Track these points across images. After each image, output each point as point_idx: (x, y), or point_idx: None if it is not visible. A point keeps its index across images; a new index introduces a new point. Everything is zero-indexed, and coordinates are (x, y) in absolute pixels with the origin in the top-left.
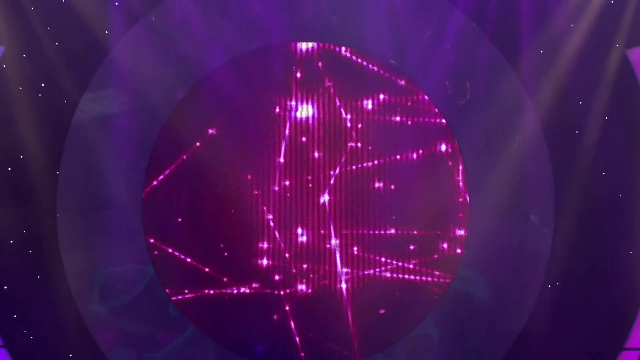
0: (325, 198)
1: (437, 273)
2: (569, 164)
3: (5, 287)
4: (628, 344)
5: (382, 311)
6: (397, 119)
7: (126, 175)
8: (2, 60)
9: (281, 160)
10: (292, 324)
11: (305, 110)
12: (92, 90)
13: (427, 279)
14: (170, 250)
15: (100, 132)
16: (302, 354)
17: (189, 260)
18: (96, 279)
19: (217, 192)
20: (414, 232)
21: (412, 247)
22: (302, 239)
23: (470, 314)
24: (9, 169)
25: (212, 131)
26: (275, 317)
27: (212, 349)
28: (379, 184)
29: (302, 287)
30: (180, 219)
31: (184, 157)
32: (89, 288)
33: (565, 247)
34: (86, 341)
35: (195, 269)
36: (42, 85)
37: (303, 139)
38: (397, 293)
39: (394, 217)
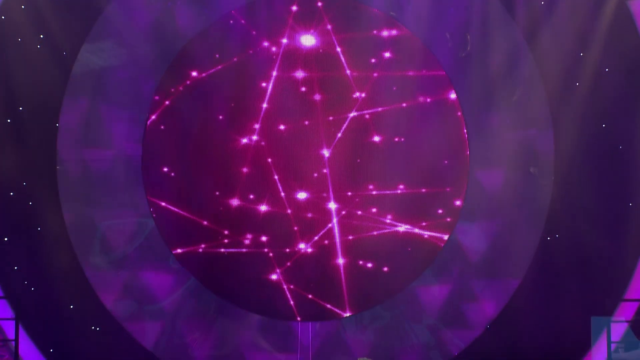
0: (326, 153)
1: (437, 227)
2: (569, 116)
3: (6, 239)
4: (627, 295)
5: (385, 269)
6: (398, 71)
7: (125, 128)
8: (1, 11)
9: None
10: (289, 283)
11: (303, 51)
12: (90, 42)
13: (427, 232)
14: (169, 203)
15: (98, 84)
16: (298, 318)
17: (187, 214)
18: (96, 231)
19: (217, 142)
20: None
21: (412, 202)
22: (302, 195)
23: (468, 266)
24: (8, 120)
25: (206, 78)
26: (273, 274)
27: (212, 301)
28: (377, 138)
29: (302, 245)
30: (178, 172)
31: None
32: (89, 240)
33: (564, 200)
34: (87, 293)
35: (194, 222)
36: (41, 37)
37: (303, 89)
38: (399, 249)
39: (395, 171)
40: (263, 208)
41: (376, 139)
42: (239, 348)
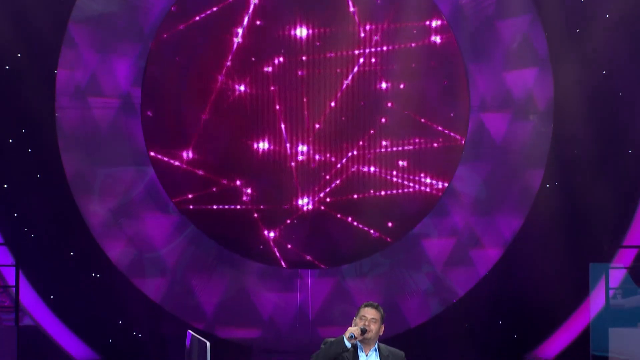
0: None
1: (438, 173)
2: (569, 63)
3: (5, 186)
4: (625, 242)
5: (390, 224)
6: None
7: (123, 75)
8: None
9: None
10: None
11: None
12: None
13: (428, 179)
14: (168, 152)
15: (97, 31)
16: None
17: (187, 162)
18: (95, 179)
19: (218, 87)
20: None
21: (415, 152)
22: (302, 148)
23: (467, 213)
24: (7, 67)
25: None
26: (272, 231)
27: (212, 248)
28: (384, 84)
29: (302, 202)
30: (178, 120)
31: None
32: (89, 188)
33: (564, 147)
34: (87, 240)
35: (194, 171)
36: None
37: (318, 43)
38: (399, 202)
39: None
40: (264, 157)
41: (383, 85)
42: (239, 294)
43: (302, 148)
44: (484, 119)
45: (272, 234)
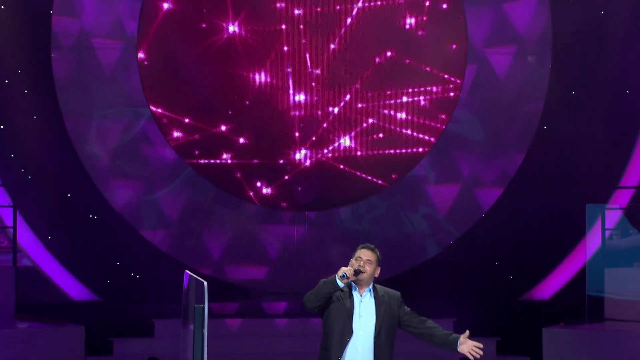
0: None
1: (434, 116)
2: (568, 4)
3: (2, 127)
4: (622, 183)
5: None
6: None
7: (121, 13)
8: None
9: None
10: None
11: None
12: None
13: (426, 121)
14: (166, 93)
15: None
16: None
17: (185, 104)
18: (92, 120)
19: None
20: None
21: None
22: (301, 97)
23: (464, 154)
24: (2, 7)
25: None
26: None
27: (210, 191)
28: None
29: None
30: (177, 60)
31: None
32: (85, 128)
33: (562, 89)
34: (84, 181)
35: (192, 112)
36: None
37: None
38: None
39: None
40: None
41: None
42: (236, 236)
43: (300, 97)
44: (481, 60)
45: (266, 190)
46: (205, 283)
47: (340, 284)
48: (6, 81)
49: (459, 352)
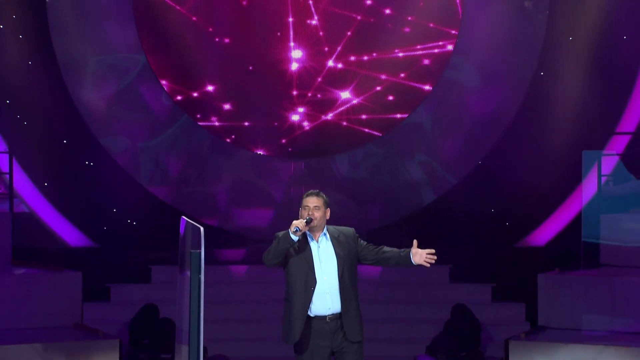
0: None
1: (429, 66)
2: None
3: None
4: (619, 129)
5: (390, 97)
6: None
7: None
8: None
9: None
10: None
11: None
12: None
13: (421, 71)
14: (163, 39)
15: None
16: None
17: (182, 50)
18: (87, 66)
19: None
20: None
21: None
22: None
23: (461, 101)
24: None
25: None
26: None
27: (206, 138)
28: None
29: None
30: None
31: None
32: (81, 75)
33: (559, 35)
34: (79, 128)
35: (188, 59)
36: None
37: None
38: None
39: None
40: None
41: None
42: (232, 183)
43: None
44: (474, 9)
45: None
46: (202, 229)
47: (295, 237)
48: (0, 26)
49: (415, 266)
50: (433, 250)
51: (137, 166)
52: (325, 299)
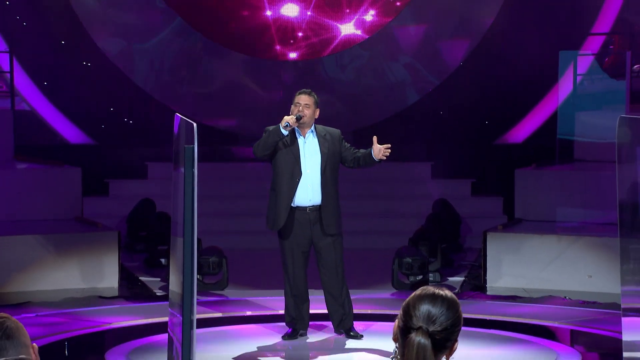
0: None
1: None
2: None
3: None
4: (594, 29)
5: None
6: None
7: None
8: None
9: None
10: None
11: None
12: None
13: None
14: None
15: None
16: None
17: None
18: None
19: None
20: None
21: None
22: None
23: (443, 5)
24: None
25: None
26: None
27: (199, 40)
28: None
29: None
30: None
31: None
32: None
33: None
34: (77, 29)
35: None
36: None
37: None
38: None
39: None
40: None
41: None
42: (224, 85)
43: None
44: None
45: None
46: (195, 124)
47: (285, 132)
48: None
49: (377, 161)
50: (389, 145)
51: (132, 66)
52: (307, 190)
